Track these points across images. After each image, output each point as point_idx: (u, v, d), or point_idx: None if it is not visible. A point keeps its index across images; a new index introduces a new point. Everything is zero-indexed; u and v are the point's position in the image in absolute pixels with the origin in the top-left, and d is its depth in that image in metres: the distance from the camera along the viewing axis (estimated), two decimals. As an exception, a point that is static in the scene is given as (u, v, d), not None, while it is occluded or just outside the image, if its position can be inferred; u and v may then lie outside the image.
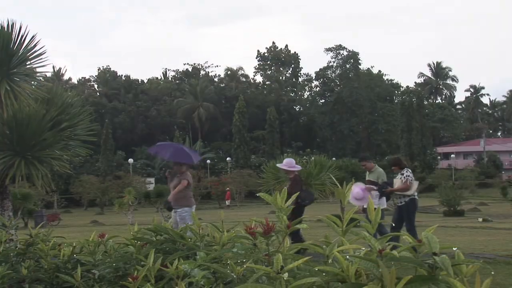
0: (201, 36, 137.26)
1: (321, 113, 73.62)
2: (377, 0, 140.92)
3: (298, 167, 10.40)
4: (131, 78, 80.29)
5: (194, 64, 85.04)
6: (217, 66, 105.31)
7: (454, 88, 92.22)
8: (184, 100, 73.76)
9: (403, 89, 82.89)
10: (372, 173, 10.31)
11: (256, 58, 80.00)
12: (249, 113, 63.52)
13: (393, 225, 9.35)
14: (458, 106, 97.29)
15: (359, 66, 75.24)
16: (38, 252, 3.31)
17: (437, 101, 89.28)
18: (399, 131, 65.52)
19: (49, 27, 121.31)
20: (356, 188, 9.60)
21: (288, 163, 10.29)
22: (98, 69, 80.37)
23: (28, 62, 6.81)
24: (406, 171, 9.85)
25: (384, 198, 10.03)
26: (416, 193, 9.80)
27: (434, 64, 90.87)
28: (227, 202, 43.69)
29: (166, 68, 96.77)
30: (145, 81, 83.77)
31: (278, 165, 10.85)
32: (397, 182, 9.76)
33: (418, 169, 38.60)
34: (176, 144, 10.28)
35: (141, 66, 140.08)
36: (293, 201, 7.35)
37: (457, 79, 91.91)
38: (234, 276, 2.11)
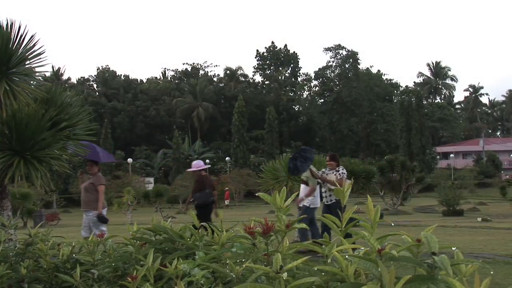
0: (201, 35, 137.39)
1: (320, 113, 73.64)
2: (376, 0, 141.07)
3: (203, 167, 10.66)
4: (130, 77, 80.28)
5: (193, 63, 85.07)
6: (216, 65, 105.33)
7: (453, 87, 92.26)
8: (183, 100, 73.74)
9: (402, 88, 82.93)
10: (306, 172, 10.26)
11: (255, 57, 79.99)
12: (248, 113, 63.54)
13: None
14: (457, 106, 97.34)
15: (358, 66, 75.26)
16: (37, 251, 3.31)
17: (436, 101, 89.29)
18: (398, 131, 65.55)
19: (49, 27, 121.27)
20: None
21: (194, 165, 10.54)
22: (97, 69, 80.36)
23: (27, 62, 6.80)
24: (342, 169, 9.83)
25: (318, 197, 9.91)
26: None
27: (433, 63, 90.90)
28: (226, 202, 43.70)
29: (165, 68, 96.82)
30: (144, 80, 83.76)
31: (191, 169, 11.10)
32: (332, 178, 9.71)
33: (417, 168, 38.42)
34: (90, 143, 10.13)
35: (140, 66, 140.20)
36: (188, 201, 7.48)
37: (456, 79, 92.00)
38: (233, 276, 2.11)
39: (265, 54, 79.31)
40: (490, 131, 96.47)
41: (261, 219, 2.18)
